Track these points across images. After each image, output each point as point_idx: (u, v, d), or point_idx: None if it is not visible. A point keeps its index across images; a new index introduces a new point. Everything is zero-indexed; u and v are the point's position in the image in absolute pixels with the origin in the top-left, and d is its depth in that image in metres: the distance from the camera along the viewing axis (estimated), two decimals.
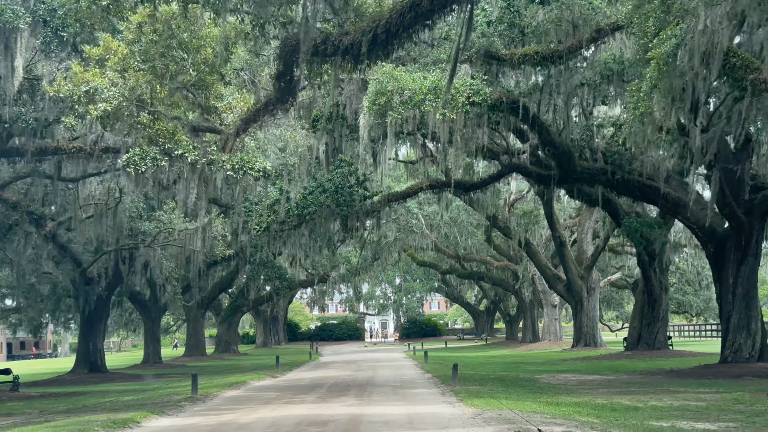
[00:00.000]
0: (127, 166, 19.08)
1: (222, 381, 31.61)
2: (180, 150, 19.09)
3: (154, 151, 19.27)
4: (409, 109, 20.63)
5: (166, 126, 19.29)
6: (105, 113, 18.91)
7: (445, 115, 20.53)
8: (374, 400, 22.14)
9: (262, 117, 19.95)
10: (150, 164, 19.01)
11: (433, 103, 20.54)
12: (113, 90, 19.29)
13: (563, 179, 31.11)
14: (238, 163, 19.28)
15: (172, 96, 19.48)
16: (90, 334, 43.49)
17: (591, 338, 54.52)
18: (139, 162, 18.98)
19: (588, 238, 56.91)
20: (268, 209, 26.63)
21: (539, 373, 33.15)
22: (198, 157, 18.97)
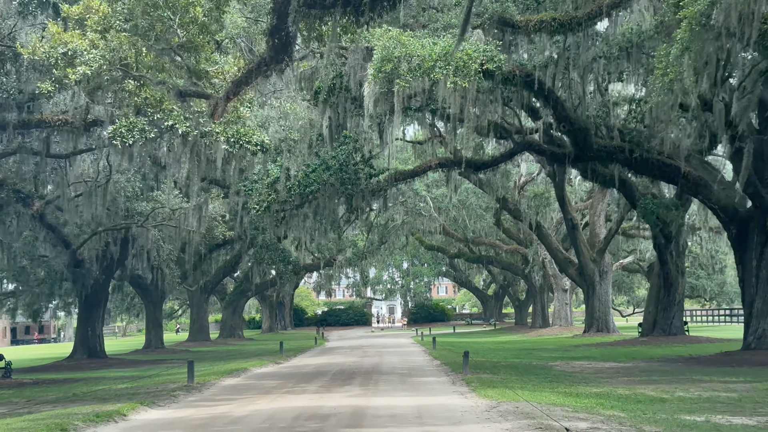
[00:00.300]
0: (113, 138, 17.65)
1: (222, 368, 30.33)
2: (170, 121, 17.66)
3: (142, 122, 17.86)
4: (418, 77, 19.16)
5: (153, 94, 17.83)
6: (84, 77, 17.46)
7: (456, 83, 19.04)
8: (380, 389, 20.81)
9: (255, 78, 18.43)
10: (138, 136, 17.60)
11: (444, 71, 19.07)
12: (93, 53, 17.84)
13: (579, 157, 29.65)
14: (233, 136, 17.84)
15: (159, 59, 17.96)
16: (88, 319, 42.23)
17: (603, 323, 53.08)
18: (126, 134, 17.55)
19: (600, 221, 55.41)
20: (268, 188, 25.20)
21: (553, 360, 31.79)
22: (190, 129, 17.53)
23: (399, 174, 29.50)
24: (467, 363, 24.05)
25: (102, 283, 41.27)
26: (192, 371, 23.21)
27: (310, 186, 25.00)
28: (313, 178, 24.92)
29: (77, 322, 43.70)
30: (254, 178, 26.13)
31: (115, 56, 17.22)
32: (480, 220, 69.10)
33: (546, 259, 64.73)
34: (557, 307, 66.52)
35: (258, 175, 26.00)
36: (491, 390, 18.51)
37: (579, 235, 53.09)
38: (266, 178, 25.53)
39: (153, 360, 42.99)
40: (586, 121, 28.42)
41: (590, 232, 55.63)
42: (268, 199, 25.09)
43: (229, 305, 73.56)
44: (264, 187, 25.26)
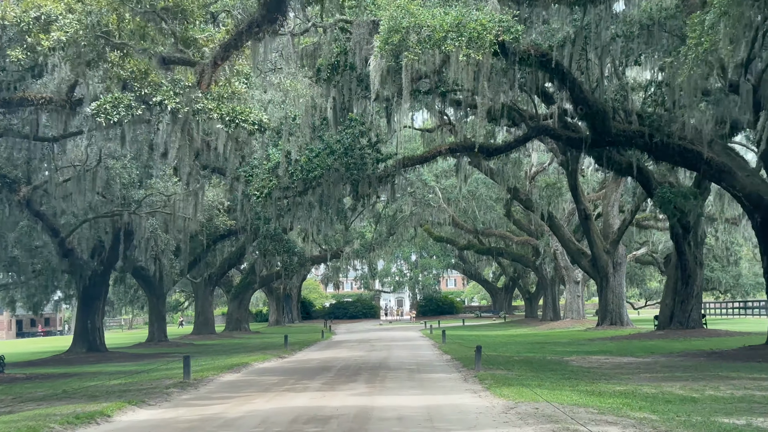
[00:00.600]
0: (96, 115, 16.29)
1: (222, 363, 29.05)
2: (159, 96, 16.28)
3: (129, 98, 16.48)
4: (428, 49, 17.74)
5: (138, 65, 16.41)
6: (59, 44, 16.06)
7: (469, 56, 17.61)
8: (387, 387, 19.47)
9: (246, 41, 17.01)
10: (124, 113, 16.22)
11: (456, 42, 17.65)
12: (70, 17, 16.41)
13: (596, 142, 28.25)
14: (228, 114, 16.46)
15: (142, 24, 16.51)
16: (88, 312, 41.01)
17: (617, 316, 51.65)
18: (110, 110, 16.18)
19: (614, 211, 53.97)
20: (269, 173, 23.81)
21: (568, 355, 30.45)
22: (180, 105, 16.16)
23: (407, 159, 28.09)
24: (480, 358, 22.72)
25: (101, 275, 40.02)
26: (188, 367, 21.93)
27: (313, 171, 23.57)
28: (317, 163, 23.48)
29: (76, 315, 42.48)
30: (254, 163, 24.76)
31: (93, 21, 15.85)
32: (490, 211, 67.83)
33: (558, 251, 63.39)
34: (569, 299, 65.11)
35: (258, 159, 24.64)
36: (507, 388, 17.16)
37: (592, 225, 51.70)
38: (266, 162, 24.14)
39: (154, 354, 41.75)
40: (604, 104, 27.00)
41: (603, 223, 54.21)
42: (268, 185, 23.70)
43: (235, 298, 72.38)
44: (264, 172, 23.88)
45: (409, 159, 28.39)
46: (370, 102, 24.59)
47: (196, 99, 15.93)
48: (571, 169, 49.46)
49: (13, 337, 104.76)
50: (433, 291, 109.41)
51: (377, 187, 27.17)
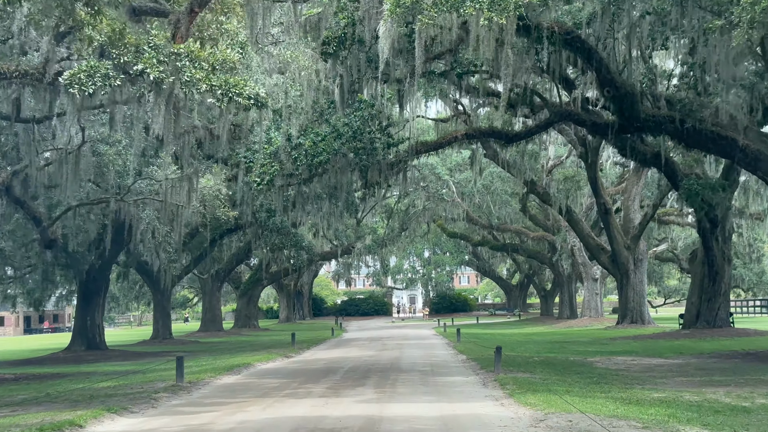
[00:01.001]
0: (69, 86, 14.44)
1: (223, 363, 27.29)
2: (140, 64, 14.37)
3: (105, 66, 14.60)
4: (444, 12, 15.86)
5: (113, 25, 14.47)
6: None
7: (491, 20, 15.72)
8: (398, 393, 17.60)
9: None
10: (100, 83, 14.36)
11: (476, 5, 15.76)
12: None
13: (623, 128, 26.32)
14: (222, 87, 14.54)
15: None
16: (87, 308, 39.29)
17: (638, 315, 49.67)
18: (85, 80, 14.34)
19: (635, 206, 51.96)
20: (270, 158, 21.90)
21: (590, 355, 28.57)
22: (164, 75, 14.26)
23: (421, 146, 26.19)
24: (500, 360, 20.83)
25: (100, 270, 38.28)
26: (181, 369, 20.12)
27: (318, 156, 21.63)
28: (323, 147, 21.57)
29: (75, 312, 40.75)
30: (255, 148, 22.90)
31: None
32: (505, 206, 65.96)
33: (575, 247, 61.48)
34: (586, 297, 63.12)
35: (259, 143, 22.78)
36: (533, 395, 15.30)
37: (612, 220, 49.72)
38: (267, 146, 22.26)
39: (157, 352, 40.04)
40: (633, 86, 25.07)
41: (623, 218, 52.23)
42: (270, 172, 21.82)
43: (244, 294, 70.73)
44: (265, 157, 22.00)
45: (423, 145, 26.47)
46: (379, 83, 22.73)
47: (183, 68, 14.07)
48: (590, 161, 47.56)
49: (20, 333, 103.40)
50: (447, 288, 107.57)
51: (388, 175, 25.26)
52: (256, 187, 22.18)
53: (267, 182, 21.86)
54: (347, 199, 41.36)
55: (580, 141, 47.20)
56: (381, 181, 24.42)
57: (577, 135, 47.17)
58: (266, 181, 21.83)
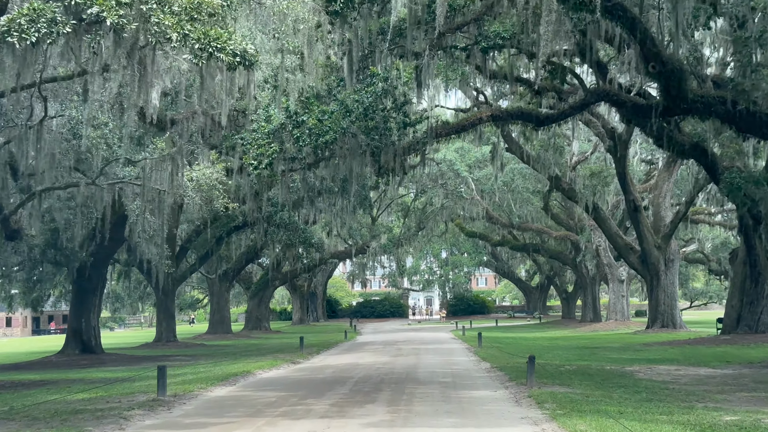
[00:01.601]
0: (7, 34, 11.67)
1: (220, 371, 24.58)
2: (95, 7, 11.55)
3: (52, 9, 11.81)
4: None
5: None
6: None
7: None
8: (414, 412, 14.77)
9: None
10: (46, 29, 11.59)
11: None
12: None
13: (668, 110, 23.42)
14: (200, 40, 11.79)
15: None
16: (81, 309, 36.66)
17: (669, 318, 46.72)
18: (27, 27, 11.61)
19: (666, 203, 49.02)
20: (268, 137, 19.03)
21: (627, 364, 25.75)
22: (125, 21, 11.49)
23: (441, 127, 23.37)
24: (533, 371, 18.01)
25: (95, 267, 35.61)
26: (164, 379, 17.39)
27: (324, 135, 18.72)
28: (329, 126, 18.73)
29: (69, 312, 38.15)
30: (253, 127, 20.06)
31: None
32: (527, 204, 63.11)
33: (600, 247, 58.63)
34: (612, 299, 60.11)
35: (257, 121, 19.97)
36: (580, 419, 12.51)
37: (642, 218, 46.77)
38: (265, 125, 19.42)
39: (156, 356, 37.43)
40: (681, 62, 22.22)
41: (654, 216, 49.31)
42: (268, 153, 19.00)
43: (255, 295, 68.14)
44: (263, 137, 19.16)
45: (443, 127, 23.63)
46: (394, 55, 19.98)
47: (150, 12, 11.29)
48: (619, 155, 44.70)
49: (28, 334, 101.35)
50: (464, 290, 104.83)
51: (404, 161, 22.44)
52: (252, 171, 19.37)
53: (265, 166, 19.06)
54: (360, 193, 38.75)
55: (609, 134, 44.41)
56: (396, 167, 21.58)
57: (605, 127, 44.40)
58: (264, 165, 19.04)
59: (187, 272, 50.40)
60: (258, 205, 35.69)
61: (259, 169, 19.07)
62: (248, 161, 19.35)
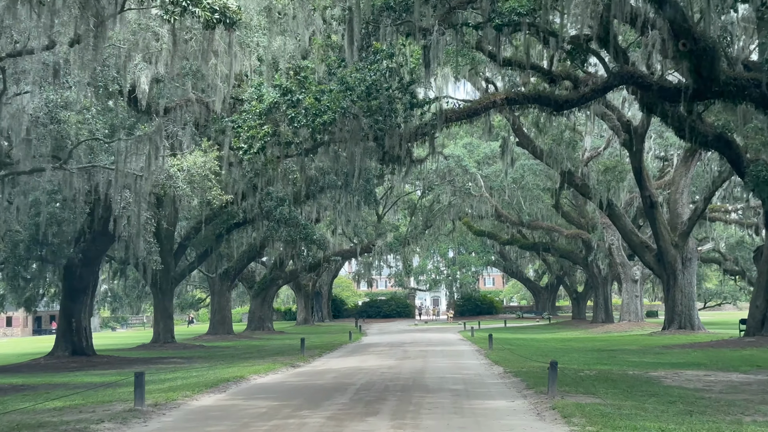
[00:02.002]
0: None
1: (212, 376, 22.74)
2: None
3: None
4: None
5: None
6: None
7: None
8: (423, 428, 12.80)
9: None
10: None
11: None
12: None
13: (698, 93, 21.58)
14: None
15: None
16: (72, 308, 34.87)
17: (687, 319, 44.81)
18: None
19: (683, 199, 47.02)
20: (260, 118, 17.13)
21: (651, 368, 23.89)
22: None
23: (451, 112, 21.47)
24: (555, 379, 16.13)
25: (86, 265, 33.79)
26: (141, 388, 15.55)
27: (322, 115, 16.83)
28: (327, 104, 16.83)
29: (59, 313, 36.35)
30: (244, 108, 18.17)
31: None
32: (537, 201, 61.13)
33: (613, 246, 56.72)
34: (625, 299, 58.14)
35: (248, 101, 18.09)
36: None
37: (659, 215, 44.89)
38: (257, 104, 17.52)
39: (150, 358, 35.66)
40: (714, 40, 20.37)
41: (670, 213, 47.37)
42: (260, 136, 17.08)
43: (258, 295, 66.35)
44: (254, 117, 17.27)
45: (453, 112, 21.76)
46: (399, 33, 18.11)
47: None
48: (635, 149, 42.90)
49: (29, 334, 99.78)
50: (472, 290, 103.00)
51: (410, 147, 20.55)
52: (242, 155, 17.50)
53: (257, 150, 17.20)
54: (365, 188, 36.89)
55: (624, 127, 42.61)
56: (402, 155, 19.70)
57: (621, 120, 42.58)
58: (256, 149, 17.18)
59: (186, 270, 48.58)
60: (257, 200, 33.94)
61: (249, 153, 17.21)
62: (237, 144, 17.47)
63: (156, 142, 21.33)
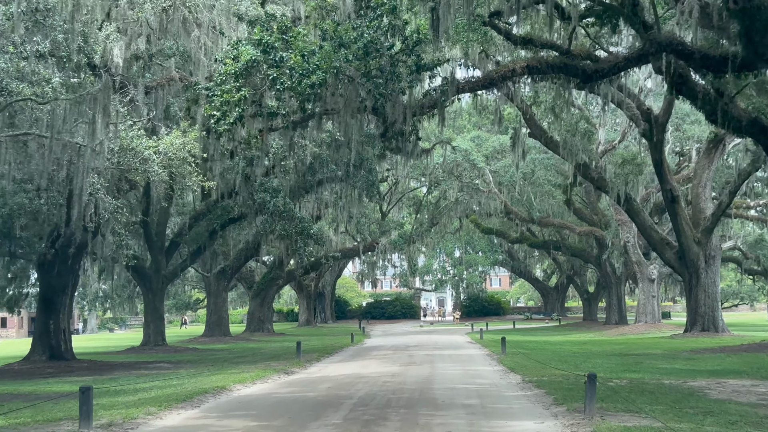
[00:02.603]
0: None
1: (189, 386, 19.94)
2: None
3: None
4: None
5: None
6: None
7: None
8: None
9: None
10: None
11: None
12: None
13: (747, 62, 18.75)
14: None
15: None
16: (50, 309, 32.17)
17: (710, 321, 41.97)
18: None
19: (706, 193, 44.16)
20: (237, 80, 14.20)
21: (687, 377, 21.14)
22: None
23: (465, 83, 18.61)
24: (593, 396, 13.32)
25: (64, 262, 31.06)
26: (87, 406, 12.77)
27: (310, 75, 13.87)
28: (317, 62, 13.91)
29: (36, 313, 33.59)
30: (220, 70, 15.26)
31: None
32: (548, 197, 58.32)
33: (629, 243, 53.88)
34: (642, 300, 55.27)
35: (222, 61, 15.19)
36: None
37: (680, 210, 42.06)
38: (233, 63, 14.58)
39: (135, 363, 32.94)
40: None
41: (692, 208, 44.56)
42: (235, 99, 14.15)
43: (257, 295, 63.64)
44: (228, 78, 14.32)
45: (467, 81, 18.93)
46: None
47: None
48: (655, 139, 40.17)
49: (24, 335, 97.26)
50: (479, 290, 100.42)
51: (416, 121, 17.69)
52: (215, 125, 14.65)
53: (235, 120, 14.35)
54: (367, 178, 34.17)
55: (644, 115, 39.89)
56: (407, 130, 16.86)
57: (641, 108, 39.82)
58: (233, 119, 14.32)
59: (178, 269, 45.84)
60: (250, 192, 31.24)
61: (224, 123, 14.35)
62: (209, 112, 14.60)
63: (104, 103, 18.41)
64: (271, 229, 28.90)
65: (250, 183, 30.94)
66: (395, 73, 14.86)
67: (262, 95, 14.59)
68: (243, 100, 14.11)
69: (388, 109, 15.48)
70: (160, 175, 20.31)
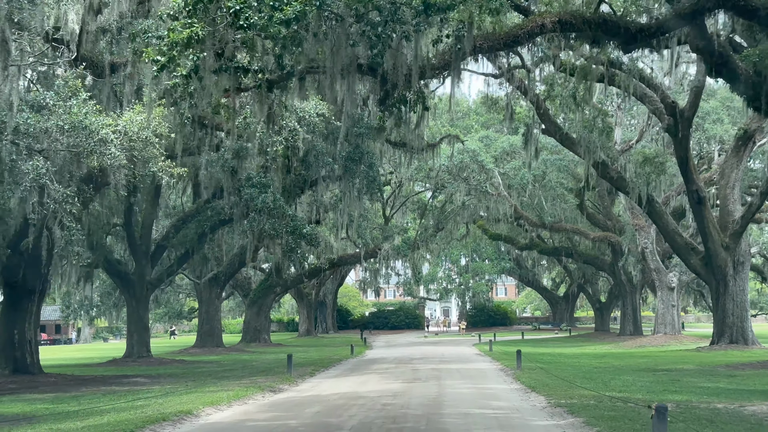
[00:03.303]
0: None
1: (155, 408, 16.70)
2: None
3: None
4: None
5: None
6: None
7: None
8: None
9: None
10: None
11: None
12: None
13: None
14: None
15: None
16: (14, 318, 28.89)
17: (739, 332, 38.67)
18: None
19: (735, 195, 40.79)
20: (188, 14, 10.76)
21: (741, 399, 17.96)
22: None
23: (482, 38, 15.31)
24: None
25: (31, 264, 27.74)
26: None
27: (284, 7, 10.43)
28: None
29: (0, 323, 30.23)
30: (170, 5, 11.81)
31: None
32: (560, 201, 54.91)
33: (647, 250, 50.53)
34: (661, 309, 51.79)
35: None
36: None
37: (707, 212, 38.79)
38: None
39: (110, 377, 29.71)
40: None
41: (720, 210, 41.22)
42: (184, 38, 10.74)
43: (253, 304, 60.44)
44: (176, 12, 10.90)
45: (486, 38, 15.61)
46: None
47: None
48: (681, 135, 36.98)
49: None
50: (485, 299, 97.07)
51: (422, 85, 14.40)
52: (158, 72, 11.23)
53: (190, 72, 10.93)
54: (368, 174, 30.98)
55: (669, 109, 36.74)
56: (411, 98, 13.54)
57: (665, 101, 36.65)
58: (187, 70, 10.89)
59: (164, 275, 42.58)
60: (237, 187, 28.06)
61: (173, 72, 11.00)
62: (151, 56, 11.23)
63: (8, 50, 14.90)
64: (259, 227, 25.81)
65: (236, 178, 27.79)
66: (397, 13, 11.50)
67: (226, 43, 11.29)
68: (197, 42, 10.77)
69: (388, 66, 12.13)
70: (118, 158, 17.10)
